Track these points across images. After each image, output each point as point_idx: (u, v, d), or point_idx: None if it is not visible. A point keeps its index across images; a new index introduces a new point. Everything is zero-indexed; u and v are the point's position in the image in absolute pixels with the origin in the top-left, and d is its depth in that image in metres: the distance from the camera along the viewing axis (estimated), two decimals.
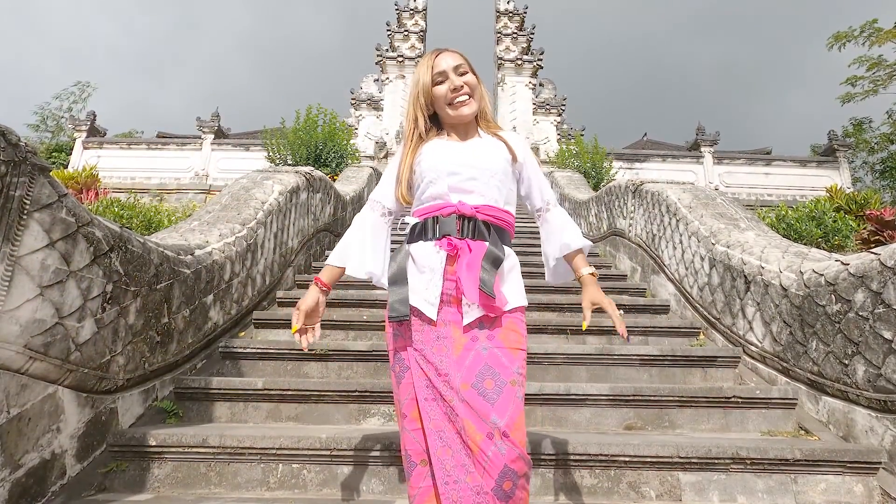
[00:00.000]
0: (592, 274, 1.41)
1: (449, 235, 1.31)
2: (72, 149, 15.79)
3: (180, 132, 17.89)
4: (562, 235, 1.46)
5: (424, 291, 1.29)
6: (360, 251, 1.43)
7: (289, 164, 9.78)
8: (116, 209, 5.44)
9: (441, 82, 1.39)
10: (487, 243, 1.31)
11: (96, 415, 2.03)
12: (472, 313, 1.27)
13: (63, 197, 1.83)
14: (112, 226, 2.12)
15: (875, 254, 2.15)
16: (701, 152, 15.52)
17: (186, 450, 2.02)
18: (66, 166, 14.46)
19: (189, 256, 2.75)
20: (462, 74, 1.40)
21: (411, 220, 1.40)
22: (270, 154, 10.51)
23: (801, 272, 2.56)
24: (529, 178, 1.50)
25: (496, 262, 1.29)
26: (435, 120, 1.47)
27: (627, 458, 2.03)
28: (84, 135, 15.28)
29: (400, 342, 1.31)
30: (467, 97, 1.39)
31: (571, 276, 1.49)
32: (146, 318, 2.33)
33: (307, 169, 4.81)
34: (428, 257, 1.32)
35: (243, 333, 3.28)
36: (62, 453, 1.85)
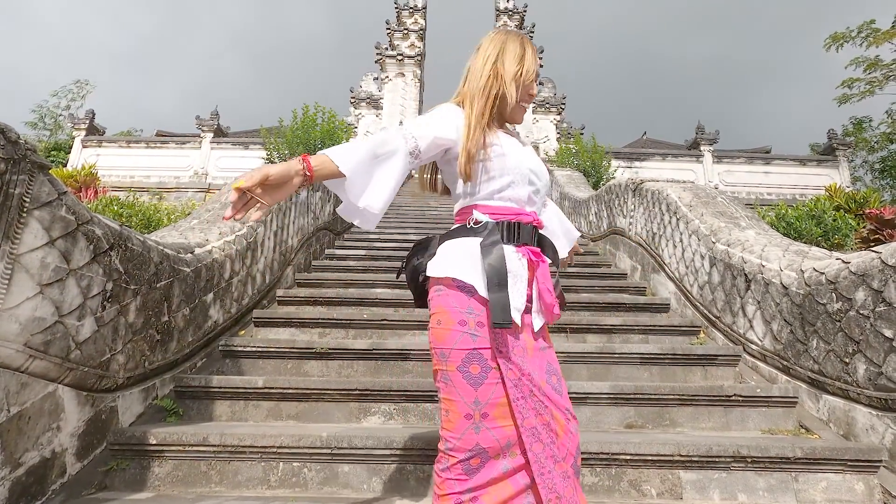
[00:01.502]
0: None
1: (527, 244, 1.34)
2: (70, 147, 15.77)
3: (178, 131, 17.88)
4: (570, 227, 1.67)
5: (511, 297, 1.29)
6: (368, 173, 1.22)
7: None
8: (116, 208, 5.44)
9: (531, 80, 1.39)
10: (548, 257, 1.41)
11: (96, 413, 2.02)
12: (539, 320, 1.35)
13: (63, 195, 1.82)
14: (112, 224, 2.12)
15: (876, 252, 2.14)
16: (700, 151, 15.53)
17: (187, 448, 2.02)
18: (64, 165, 14.44)
19: (189, 255, 2.74)
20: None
21: (482, 217, 1.32)
22: (269, 153, 10.50)
23: (801, 270, 2.56)
24: None
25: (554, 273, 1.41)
26: None
27: (628, 457, 2.03)
28: (83, 133, 15.27)
29: (480, 342, 1.25)
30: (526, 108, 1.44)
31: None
32: (146, 316, 2.32)
33: None
34: (512, 262, 1.30)
35: (243, 332, 3.28)
36: (62, 452, 1.85)
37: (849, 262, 2.26)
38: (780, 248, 2.90)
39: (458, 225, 1.36)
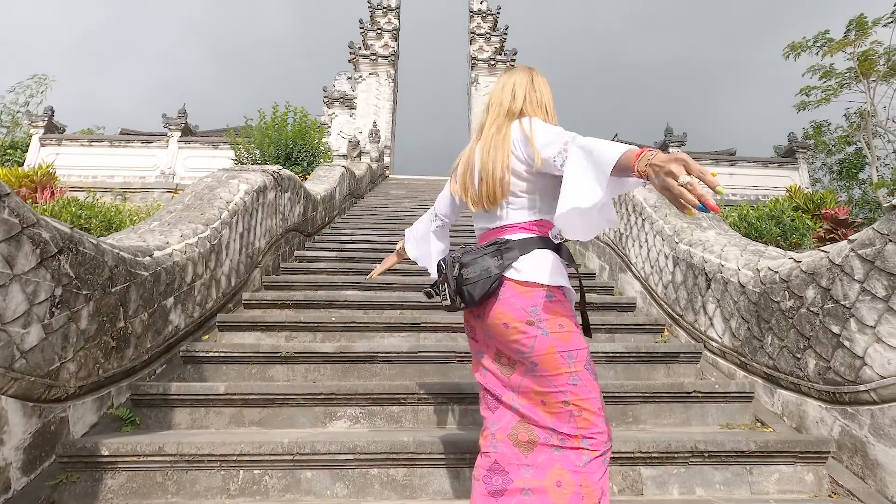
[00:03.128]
0: None
1: None
2: (28, 146, 15.10)
3: (143, 131, 17.32)
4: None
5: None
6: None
7: (258, 164, 9.58)
8: (74, 209, 5.22)
9: None
10: None
11: (44, 425, 1.93)
12: None
13: (5, 196, 1.74)
14: (61, 227, 2.03)
15: (825, 252, 2.23)
16: (669, 153, 15.90)
17: (142, 458, 1.95)
18: (21, 164, 13.82)
19: (147, 258, 2.65)
20: None
21: (558, 234, 1.46)
22: (238, 153, 10.28)
23: (757, 270, 2.64)
24: None
25: None
26: None
27: None
28: (41, 131, 14.67)
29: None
30: None
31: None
32: (100, 322, 2.23)
33: (275, 168, 4.72)
34: None
35: (207, 337, 3.19)
36: (6, 466, 1.76)
37: (800, 262, 2.35)
38: (738, 247, 2.99)
39: (538, 235, 1.41)
